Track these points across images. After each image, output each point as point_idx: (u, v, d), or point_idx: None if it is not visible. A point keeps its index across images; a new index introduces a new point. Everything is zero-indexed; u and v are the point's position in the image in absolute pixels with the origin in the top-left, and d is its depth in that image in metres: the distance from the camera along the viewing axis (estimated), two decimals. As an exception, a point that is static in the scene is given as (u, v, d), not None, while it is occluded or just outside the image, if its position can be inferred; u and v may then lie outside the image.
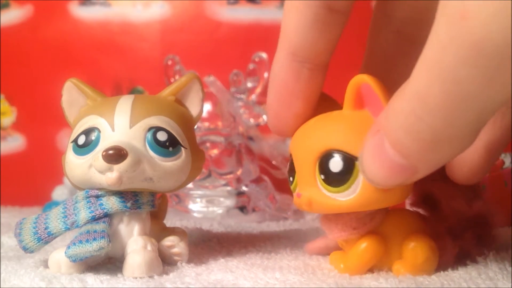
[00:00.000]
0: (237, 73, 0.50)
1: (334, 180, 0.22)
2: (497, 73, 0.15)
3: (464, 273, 0.23)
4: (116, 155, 0.23)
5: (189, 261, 0.26)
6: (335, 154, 0.22)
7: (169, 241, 0.26)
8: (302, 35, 0.23)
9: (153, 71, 0.59)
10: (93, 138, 0.25)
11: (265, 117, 0.49)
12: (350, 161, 0.22)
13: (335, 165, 0.22)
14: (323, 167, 0.22)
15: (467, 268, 0.24)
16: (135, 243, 0.24)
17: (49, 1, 0.61)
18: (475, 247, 0.26)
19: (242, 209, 0.48)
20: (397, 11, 0.26)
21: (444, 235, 0.25)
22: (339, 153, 0.22)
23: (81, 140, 0.25)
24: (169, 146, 0.25)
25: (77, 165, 0.25)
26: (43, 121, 0.61)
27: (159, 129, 0.25)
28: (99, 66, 0.61)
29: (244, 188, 0.47)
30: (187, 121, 0.27)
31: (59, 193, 0.54)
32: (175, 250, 0.26)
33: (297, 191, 0.24)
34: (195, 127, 0.28)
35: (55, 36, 0.61)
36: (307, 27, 0.23)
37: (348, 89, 0.23)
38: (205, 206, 0.47)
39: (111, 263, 0.26)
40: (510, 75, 0.16)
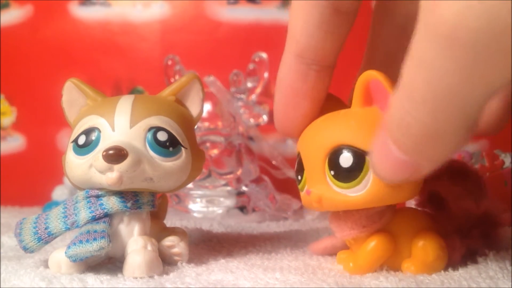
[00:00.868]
0: (237, 73, 0.50)
1: (344, 175, 0.22)
2: (475, 65, 0.15)
3: (464, 272, 0.23)
4: (117, 155, 0.23)
5: (189, 261, 0.26)
6: (345, 149, 0.22)
7: (169, 241, 0.26)
8: (310, 37, 0.23)
9: (153, 71, 0.59)
10: (93, 138, 0.25)
11: (265, 117, 0.49)
12: (361, 156, 0.22)
13: (345, 160, 0.22)
14: (333, 163, 0.22)
15: (467, 267, 0.24)
16: (135, 243, 0.24)
17: (49, 1, 0.61)
18: (482, 245, 0.26)
19: (242, 209, 0.48)
20: (400, 7, 0.26)
21: (452, 234, 0.25)
22: (349, 148, 0.22)
23: (81, 140, 0.25)
24: (169, 146, 0.25)
25: (77, 165, 0.25)
26: (43, 121, 0.61)
27: (159, 129, 0.25)
28: (99, 66, 0.61)
29: (244, 188, 0.47)
30: (187, 121, 0.27)
31: (59, 193, 0.54)
32: (175, 250, 0.26)
33: (306, 189, 0.24)
34: (195, 127, 0.28)
35: (55, 36, 0.61)
36: (314, 28, 0.23)
37: (357, 86, 0.23)
38: (205, 206, 0.47)
39: (111, 263, 0.26)
40: (489, 66, 0.15)
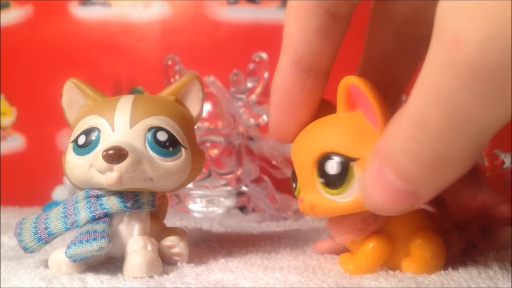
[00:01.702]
0: (237, 73, 0.50)
1: (333, 182, 0.22)
2: (493, 95, 0.16)
3: (464, 273, 0.23)
4: (116, 155, 0.23)
5: (189, 261, 0.26)
6: (330, 156, 0.22)
7: (169, 241, 0.26)
8: (307, 44, 0.23)
9: (153, 71, 0.59)
10: (93, 138, 0.25)
11: (265, 117, 0.49)
12: (345, 163, 0.22)
13: (331, 167, 0.22)
14: (321, 170, 0.23)
15: (467, 267, 0.24)
16: (135, 243, 0.24)
17: (49, 1, 0.61)
18: (482, 239, 0.26)
19: (242, 209, 0.48)
20: (397, 10, 0.26)
21: (450, 230, 0.25)
22: (334, 155, 0.22)
23: (81, 140, 0.25)
24: (169, 146, 0.25)
25: (77, 165, 0.25)
26: (43, 121, 0.61)
27: (159, 129, 0.25)
28: (99, 66, 0.61)
29: (244, 188, 0.47)
30: (187, 121, 0.27)
31: (59, 193, 0.53)
32: (175, 250, 0.26)
33: (300, 197, 0.24)
34: (195, 127, 0.28)
35: (55, 36, 0.61)
36: (311, 35, 0.23)
37: (338, 91, 0.23)
38: (205, 206, 0.47)
39: (111, 263, 0.26)
40: (508, 97, 0.16)
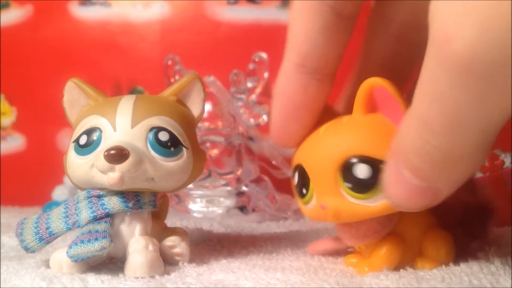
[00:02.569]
0: (237, 73, 0.50)
1: (362, 187, 0.21)
2: (490, 92, 0.16)
3: (466, 267, 0.23)
4: (118, 155, 0.23)
5: (191, 261, 0.26)
6: (358, 160, 0.21)
7: (170, 241, 0.26)
8: (312, 45, 0.22)
9: (153, 71, 0.59)
10: (94, 138, 0.25)
11: (265, 117, 0.49)
12: (376, 165, 0.21)
13: (361, 171, 0.21)
14: (347, 175, 0.22)
15: (468, 263, 0.24)
16: (137, 243, 0.24)
17: (49, 1, 0.61)
18: (484, 234, 0.26)
19: (242, 209, 0.48)
20: (397, 14, 0.25)
21: (455, 226, 0.25)
22: (363, 158, 0.21)
23: (83, 140, 0.25)
24: (170, 146, 0.25)
25: (78, 165, 0.25)
26: (43, 121, 0.61)
27: (160, 129, 0.25)
28: (99, 66, 0.61)
29: (244, 188, 0.47)
30: (188, 121, 0.27)
31: (59, 193, 0.53)
32: (177, 250, 0.26)
33: (316, 203, 0.23)
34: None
35: (55, 36, 0.61)
36: (316, 35, 0.22)
37: (359, 93, 0.22)
38: (205, 206, 0.47)
39: (112, 263, 0.26)
40: (504, 93, 0.16)
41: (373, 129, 0.22)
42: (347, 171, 0.22)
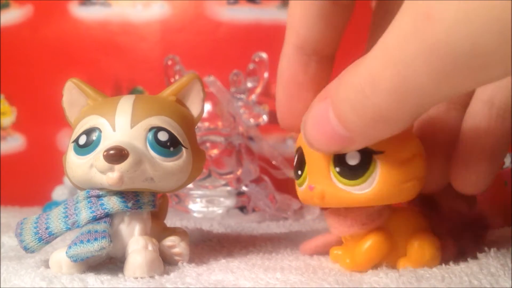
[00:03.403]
0: (237, 73, 0.50)
1: (350, 173, 0.22)
2: (449, 76, 0.16)
3: (466, 267, 0.23)
4: (117, 155, 0.23)
5: (190, 261, 0.26)
6: None
7: (170, 241, 0.26)
8: (309, 28, 0.23)
9: (153, 71, 0.59)
10: (94, 138, 0.25)
11: (265, 117, 0.49)
12: (368, 154, 0.21)
13: (352, 157, 0.22)
14: (338, 159, 0.22)
15: (468, 263, 0.24)
16: (136, 243, 0.24)
17: (49, 1, 0.61)
18: (472, 247, 0.26)
19: (242, 209, 0.48)
20: (399, 7, 0.26)
21: (445, 235, 0.25)
22: None
23: (82, 140, 0.25)
24: (170, 146, 0.25)
25: (78, 165, 0.25)
26: (43, 121, 0.61)
27: (160, 129, 0.25)
28: (99, 66, 0.61)
29: (244, 188, 0.47)
30: (188, 121, 0.27)
31: (59, 193, 0.53)
32: (176, 250, 0.26)
33: (307, 184, 0.24)
34: (195, 127, 0.28)
35: (55, 36, 0.61)
36: (313, 20, 0.23)
37: None
38: (205, 206, 0.47)
39: (112, 263, 0.26)
40: (463, 80, 0.16)
41: None
42: (339, 155, 0.22)
